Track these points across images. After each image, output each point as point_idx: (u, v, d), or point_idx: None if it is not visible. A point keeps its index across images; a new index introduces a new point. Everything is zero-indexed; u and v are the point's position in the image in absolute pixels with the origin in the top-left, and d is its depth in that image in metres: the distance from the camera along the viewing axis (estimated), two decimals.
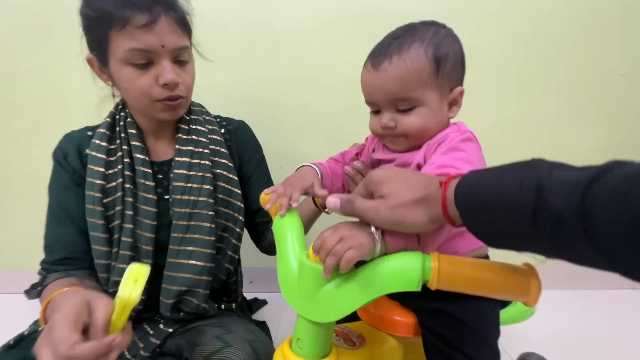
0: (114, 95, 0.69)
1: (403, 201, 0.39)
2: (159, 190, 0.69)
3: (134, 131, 0.68)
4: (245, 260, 0.85)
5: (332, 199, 0.44)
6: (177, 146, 0.70)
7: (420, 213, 0.39)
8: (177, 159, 0.69)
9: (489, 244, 0.36)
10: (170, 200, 0.67)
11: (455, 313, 0.48)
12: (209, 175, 0.69)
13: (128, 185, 0.66)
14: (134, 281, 0.44)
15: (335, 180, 0.62)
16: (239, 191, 0.74)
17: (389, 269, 0.39)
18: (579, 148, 1.17)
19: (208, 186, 0.69)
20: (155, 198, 0.67)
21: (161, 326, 0.68)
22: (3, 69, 1.11)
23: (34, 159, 1.14)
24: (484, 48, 1.10)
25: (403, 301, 0.55)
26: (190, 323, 0.69)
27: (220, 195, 0.71)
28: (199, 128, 0.72)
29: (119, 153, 0.67)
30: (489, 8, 1.08)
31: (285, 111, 1.15)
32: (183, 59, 0.64)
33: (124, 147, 0.67)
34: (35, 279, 0.65)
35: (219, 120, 0.80)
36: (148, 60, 0.60)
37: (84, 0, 0.60)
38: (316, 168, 0.58)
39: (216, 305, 0.74)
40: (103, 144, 0.67)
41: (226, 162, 0.73)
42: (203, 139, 0.72)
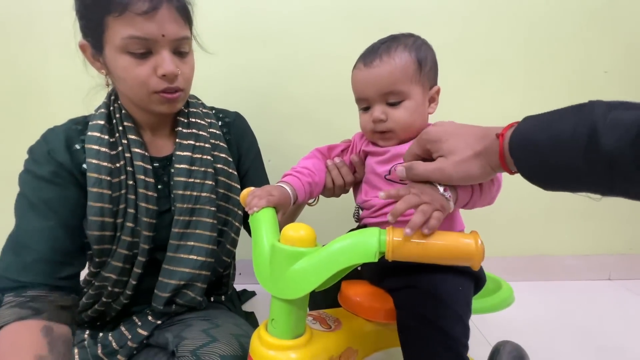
0: (108, 85, 0.65)
1: (464, 157, 0.42)
2: (159, 186, 0.67)
3: (130, 124, 0.65)
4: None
5: (399, 168, 0.49)
6: (178, 140, 0.68)
7: (482, 164, 0.42)
8: (178, 153, 0.67)
9: (544, 187, 0.38)
10: (172, 195, 0.66)
11: (431, 289, 0.52)
12: (210, 170, 0.68)
13: (130, 181, 0.63)
14: None
15: (318, 179, 0.63)
16: (239, 186, 0.73)
17: (350, 243, 0.41)
18: None
19: (210, 181, 0.67)
20: (156, 195, 0.65)
21: (149, 318, 0.67)
22: None
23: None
24: (471, 43, 1.12)
25: (380, 282, 0.60)
26: (178, 315, 0.68)
27: (221, 190, 0.70)
28: (199, 121, 0.71)
29: (120, 147, 0.64)
30: (477, 3, 1.10)
31: (274, 103, 1.14)
32: (183, 50, 0.62)
33: (124, 141, 0.64)
34: None
35: (214, 112, 0.78)
36: (147, 49, 0.57)
37: None
38: (289, 191, 0.57)
39: (206, 297, 0.73)
40: (105, 136, 0.63)
41: (226, 157, 0.72)
42: (203, 133, 0.70)
